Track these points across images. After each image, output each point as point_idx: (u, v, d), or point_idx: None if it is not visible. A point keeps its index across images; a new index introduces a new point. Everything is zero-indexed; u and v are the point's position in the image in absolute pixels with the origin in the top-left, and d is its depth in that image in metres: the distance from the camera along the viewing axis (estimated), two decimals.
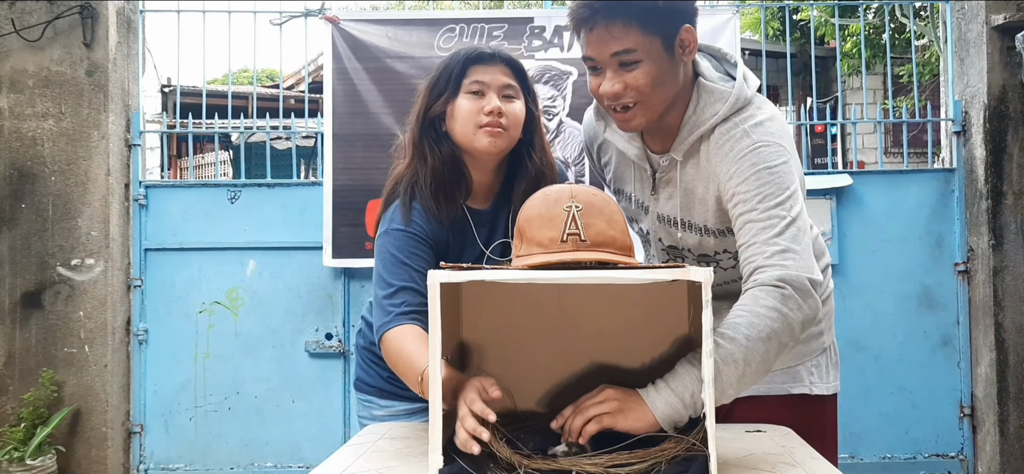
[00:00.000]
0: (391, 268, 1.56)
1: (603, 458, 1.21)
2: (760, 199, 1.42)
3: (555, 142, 3.88)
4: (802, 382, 1.74)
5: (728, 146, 1.49)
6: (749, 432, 1.53)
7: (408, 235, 1.58)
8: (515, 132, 1.62)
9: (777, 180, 1.44)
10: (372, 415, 1.75)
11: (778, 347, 1.35)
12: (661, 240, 1.68)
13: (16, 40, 3.75)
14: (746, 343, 1.31)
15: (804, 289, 1.36)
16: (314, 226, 3.89)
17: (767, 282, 1.36)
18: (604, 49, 1.45)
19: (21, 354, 3.75)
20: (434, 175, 1.61)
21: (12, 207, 3.76)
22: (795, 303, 1.35)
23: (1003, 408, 3.75)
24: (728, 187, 1.47)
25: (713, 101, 1.52)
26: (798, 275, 1.36)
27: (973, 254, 3.90)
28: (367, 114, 3.87)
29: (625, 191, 1.73)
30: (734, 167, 1.47)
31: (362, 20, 4.04)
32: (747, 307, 1.35)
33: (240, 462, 3.95)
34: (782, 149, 1.47)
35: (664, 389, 1.30)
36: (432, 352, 1.20)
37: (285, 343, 3.96)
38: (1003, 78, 3.79)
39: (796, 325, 1.35)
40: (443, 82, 1.62)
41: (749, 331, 1.32)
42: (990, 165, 3.79)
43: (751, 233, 1.42)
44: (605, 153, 1.77)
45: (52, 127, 3.78)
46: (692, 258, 1.64)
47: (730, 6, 4.08)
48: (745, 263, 1.42)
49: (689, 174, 1.57)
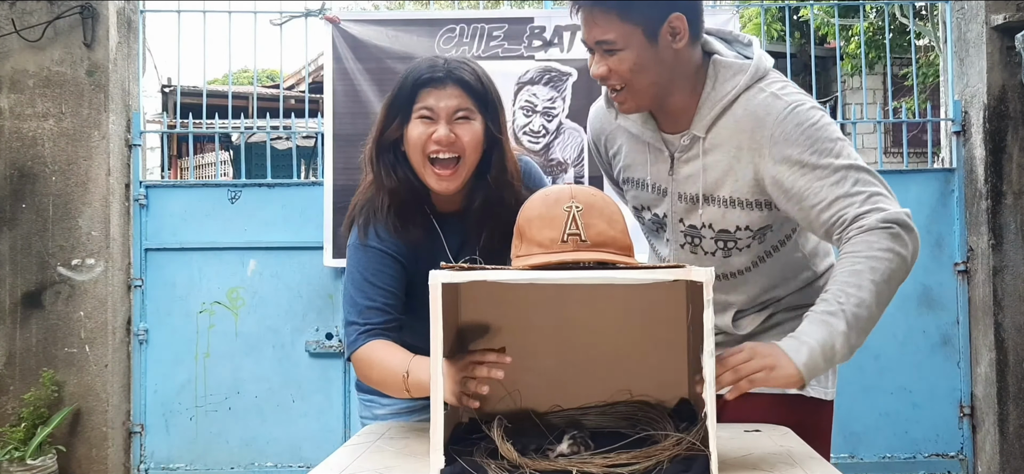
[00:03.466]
0: (357, 286, 1.56)
1: (603, 458, 1.22)
2: (819, 155, 1.46)
3: (555, 143, 3.88)
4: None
5: (762, 111, 1.51)
6: (748, 432, 1.53)
7: (373, 251, 1.57)
8: (472, 157, 1.54)
9: (825, 134, 1.48)
10: (374, 415, 1.75)
11: (896, 285, 1.40)
12: (682, 220, 1.66)
13: (16, 40, 3.75)
14: (874, 287, 1.36)
15: (907, 224, 1.42)
16: (314, 226, 3.89)
17: (874, 225, 1.40)
18: (589, 34, 1.52)
19: (21, 354, 3.75)
20: (392, 198, 1.57)
21: (12, 207, 3.76)
22: (904, 240, 1.41)
23: (1003, 408, 3.75)
24: (774, 153, 1.49)
25: (732, 75, 1.55)
26: (898, 213, 1.42)
27: (973, 254, 3.91)
28: (367, 114, 3.87)
29: (637, 178, 1.71)
30: (777, 131, 1.49)
31: (362, 20, 4.04)
32: (863, 253, 1.38)
33: (240, 462, 3.95)
34: (814, 104, 1.52)
35: (803, 343, 1.33)
36: (433, 352, 1.20)
37: (285, 343, 3.96)
38: (1003, 78, 3.79)
39: (909, 261, 1.41)
40: (396, 105, 1.56)
41: (873, 275, 1.36)
42: (990, 165, 3.79)
43: (826, 188, 1.44)
44: (614, 143, 1.76)
45: (52, 127, 3.78)
46: (712, 234, 1.63)
47: (730, 6, 4.08)
48: (834, 217, 1.44)
49: (714, 148, 1.57)
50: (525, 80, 3.86)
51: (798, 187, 1.47)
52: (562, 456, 1.25)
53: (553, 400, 1.49)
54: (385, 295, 1.55)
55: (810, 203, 1.46)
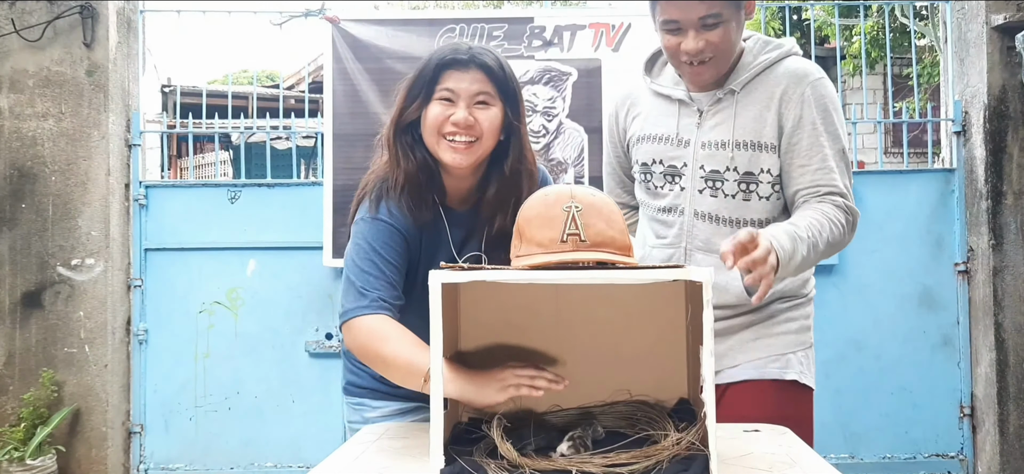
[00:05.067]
0: (365, 255, 1.54)
1: (603, 458, 1.21)
2: (829, 131, 1.73)
3: (555, 143, 3.88)
4: (792, 369, 1.79)
5: (803, 70, 1.76)
6: (748, 432, 1.53)
7: (383, 224, 1.56)
8: (488, 141, 1.57)
9: (839, 117, 1.76)
10: (364, 418, 1.70)
11: (828, 252, 1.68)
12: (703, 166, 1.79)
13: (16, 40, 3.75)
14: (825, 241, 1.65)
15: (854, 222, 1.75)
16: (314, 226, 3.89)
17: (841, 205, 1.72)
18: (692, 12, 1.66)
19: (21, 354, 3.75)
20: (407, 179, 1.58)
21: (12, 207, 3.76)
22: (851, 228, 1.74)
23: (1003, 408, 3.75)
24: (797, 110, 1.73)
25: (770, 48, 1.79)
26: (855, 210, 1.75)
27: (973, 254, 3.90)
28: (367, 114, 3.87)
29: (660, 133, 1.85)
30: (811, 90, 1.73)
31: (362, 20, 4.04)
32: (829, 214, 1.68)
33: (240, 462, 3.95)
34: (835, 96, 1.78)
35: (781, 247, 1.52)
36: (433, 352, 1.20)
37: (285, 343, 3.96)
38: (1003, 78, 3.79)
39: (845, 243, 1.73)
40: (418, 86, 1.57)
41: (828, 234, 1.65)
42: (990, 165, 3.79)
43: (817, 159, 1.72)
44: (636, 106, 1.92)
45: (52, 127, 3.78)
46: (736, 177, 1.77)
47: None
48: (811, 183, 1.72)
49: (746, 100, 1.77)
50: (525, 80, 3.86)
51: (802, 144, 1.73)
52: (562, 456, 1.25)
53: (553, 400, 1.49)
54: (392, 270, 1.53)
55: (800, 161, 1.73)
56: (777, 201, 1.79)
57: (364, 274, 1.52)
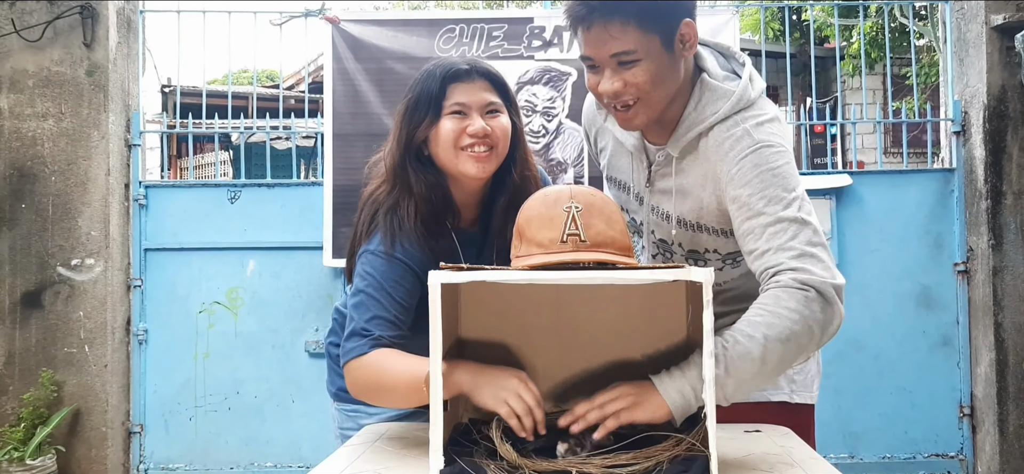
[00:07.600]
0: (376, 291, 1.50)
1: (603, 458, 1.21)
2: (767, 202, 1.41)
3: (554, 143, 3.89)
4: (782, 390, 1.70)
5: (728, 145, 1.46)
6: (748, 432, 1.53)
7: (399, 264, 1.51)
8: (503, 149, 1.56)
9: (782, 182, 1.42)
10: (359, 424, 1.66)
11: (796, 350, 1.33)
12: (653, 232, 1.66)
13: (16, 40, 3.75)
14: (764, 342, 1.30)
15: (828, 295, 1.34)
16: (314, 226, 3.89)
17: (789, 283, 1.34)
18: (602, 49, 1.42)
19: (21, 354, 3.75)
20: (421, 204, 1.54)
21: (12, 207, 3.76)
22: (818, 306, 1.33)
23: (1003, 408, 3.75)
24: (729, 190, 1.45)
25: (715, 99, 1.49)
26: (823, 280, 1.34)
27: (972, 254, 3.91)
28: (367, 114, 3.87)
29: (620, 180, 1.71)
30: (735, 168, 1.44)
31: (362, 20, 4.04)
32: (768, 307, 1.33)
33: (240, 462, 3.95)
34: (784, 150, 1.45)
35: (677, 377, 1.30)
36: (433, 352, 1.20)
37: (285, 343, 3.96)
38: (1003, 78, 3.79)
39: (817, 329, 1.33)
40: (424, 106, 1.53)
41: (768, 330, 1.31)
42: (990, 165, 3.79)
43: (764, 237, 1.40)
44: (602, 140, 1.76)
45: (52, 127, 3.78)
46: (682, 253, 1.62)
47: (730, 6, 4.08)
48: (762, 267, 1.40)
49: (686, 171, 1.54)
50: (525, 80, 3.86)
51: (742, 228, 1.44)
52: (562, 456, 1.25)
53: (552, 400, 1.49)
54: (400, 310, 1.50)
55: (748, 247, 1.43)
56: (733, 269, 1.63)
57: (367, 313, 1.49)
